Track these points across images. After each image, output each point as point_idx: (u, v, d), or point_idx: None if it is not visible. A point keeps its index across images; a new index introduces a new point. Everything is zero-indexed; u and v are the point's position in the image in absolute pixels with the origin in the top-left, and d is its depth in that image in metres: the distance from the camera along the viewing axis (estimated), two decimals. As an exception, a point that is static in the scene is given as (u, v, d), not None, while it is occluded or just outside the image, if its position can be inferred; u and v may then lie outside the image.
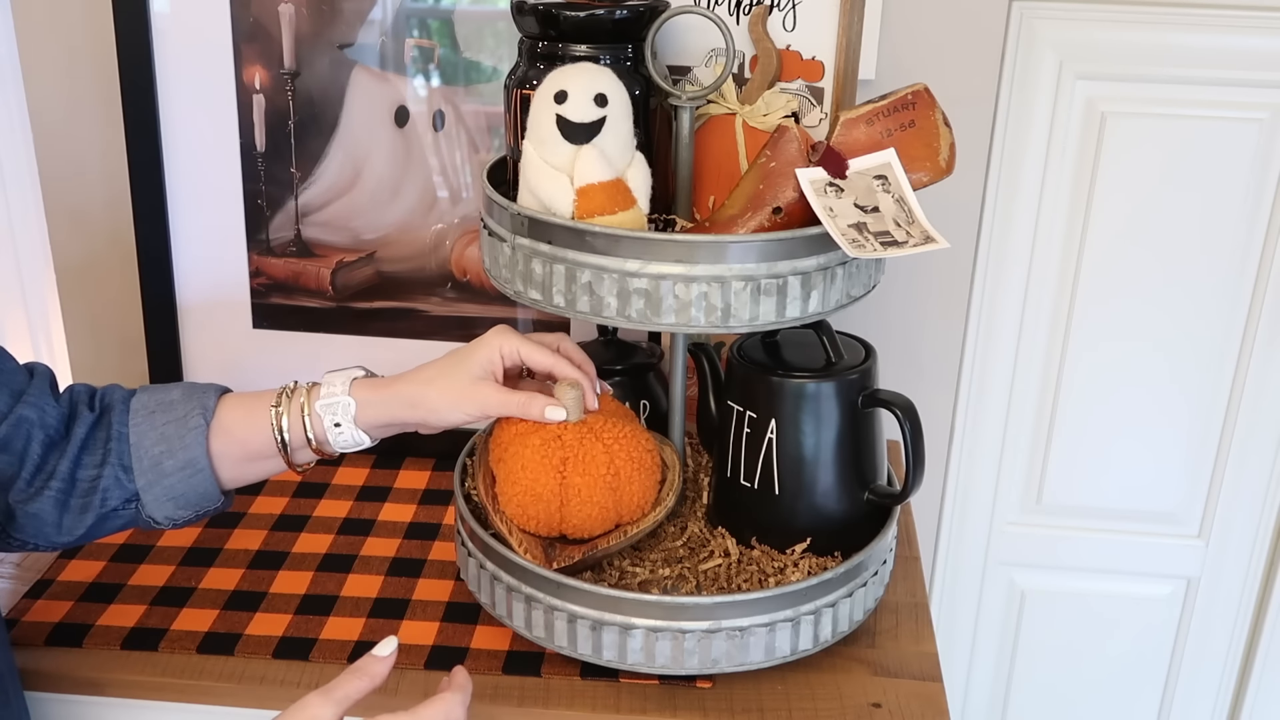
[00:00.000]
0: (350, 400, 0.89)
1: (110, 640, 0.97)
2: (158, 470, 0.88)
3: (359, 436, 0.90)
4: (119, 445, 0.88)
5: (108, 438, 0.89)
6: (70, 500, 0.88)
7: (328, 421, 0.89)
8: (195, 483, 0.89)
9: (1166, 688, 1.50)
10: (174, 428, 0.89)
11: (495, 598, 0.95)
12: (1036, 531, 1.43)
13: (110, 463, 0.88)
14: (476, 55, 1.16)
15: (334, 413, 0.89)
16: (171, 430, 0.88)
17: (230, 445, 0.89)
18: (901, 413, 0.94)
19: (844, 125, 0.88)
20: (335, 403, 0.89)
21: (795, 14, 1.01)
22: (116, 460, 0.88)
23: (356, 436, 0.90)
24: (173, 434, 0.88)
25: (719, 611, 0.89)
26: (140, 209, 1.20)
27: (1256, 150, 1.24)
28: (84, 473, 0.88)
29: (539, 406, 0.90)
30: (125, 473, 0.88)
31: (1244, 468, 1.38)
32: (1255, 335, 1.31)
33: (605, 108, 0.86)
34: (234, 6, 1.15)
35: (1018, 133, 1.26)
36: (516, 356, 0.92)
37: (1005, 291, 1.32)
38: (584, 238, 0.84)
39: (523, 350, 0.91)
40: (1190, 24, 1.20)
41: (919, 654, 0.98)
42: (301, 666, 0.95)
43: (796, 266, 0.85)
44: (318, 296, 1.23)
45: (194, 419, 0.89)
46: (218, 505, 0.91)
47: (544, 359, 0.92)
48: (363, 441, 0.91)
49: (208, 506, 0.91)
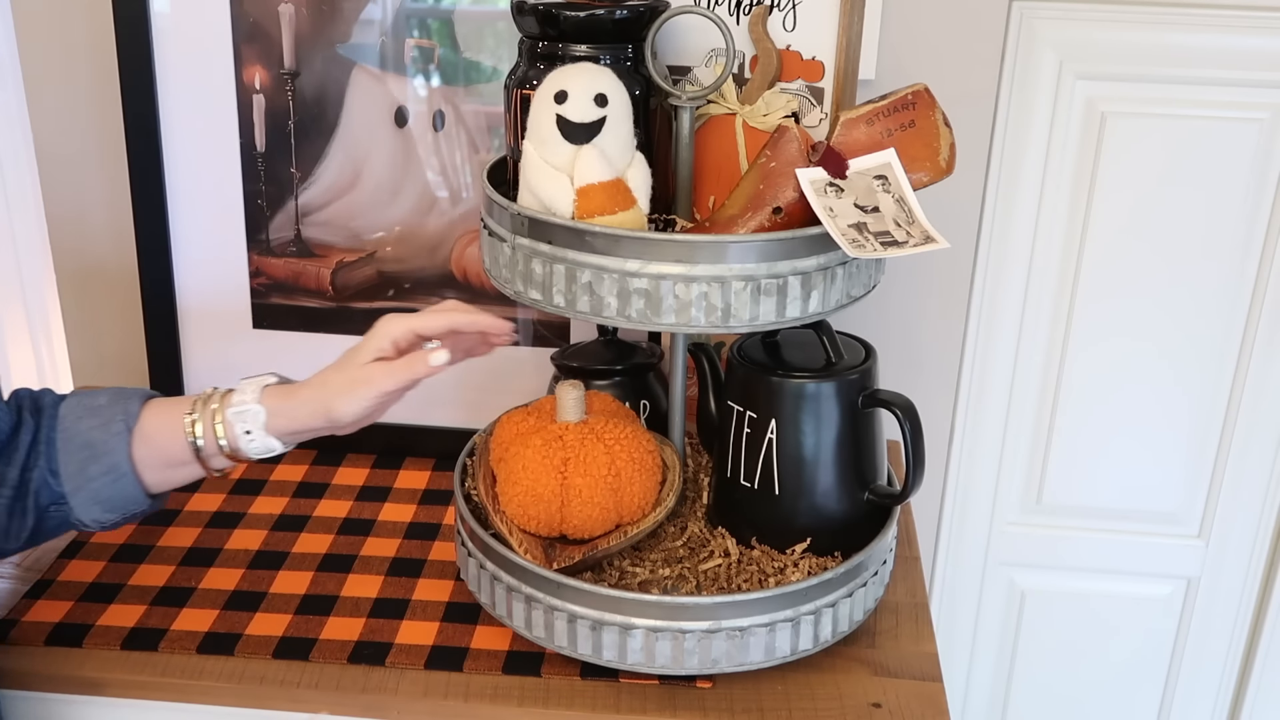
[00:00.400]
0: (260, 409, 0.89)
1: (110, 640, 0.97)
2: (83, 475, 0.88)
3: (270, 443, 0.90)
4: (48, 449, 0.88)
5: (38, 440, 0.89)
6: (17, 504, 0.88)
7: (238, 429, 0.89)
8: (120, 487, 0.89)
9: (1166, 688, 1.50)
10: (98, 433, 0.89)
11: (495, 598, 0.95)
12: (1036, 531, 1.43)
13: (39, 465, 0.88)
14: (476, 55, 1.16)
15: (244, 420, 0.89)
16: (96, 435, 0.89)
17: (150, 451, 0.89)
18: (901, 413, 0.94)
19: (844, 125, 0.88)
20: (245, 410, 0.89)
21: (795, 14, 1.01)
22: (45, 464, 0.88)
23: (268, 443, 0.89)
24: (96, 439, 0.89)
25: (719, 611, 0.89)
26: (140, 209, 1.20)
27: (1256, 150, 1.24)
28: (28, 475, 0.88)
29: (422, 361, 0.88)
30: (54, 476, 0.88)
31: (1244, 468, 1.38)
32: (1255, 335, 1.31)
33: (605, 108, 0.86)
34: (234, 6, 1.15)
35: (1018, 133, 1.26)
36: (411, 335, 0.90)
37: (1005, 291, 1.32)
38: (584, 238, 0.84)
39: (416, 325, 0.90)
40: (1190, 24, 1.20)
41: (919, 654, 0.98)
42: (301, 666, 0.95)
43: (796, 266, 0.85)
44: (318, 296, 1.23)
45: (116, 424, 0.89)
46: (144, 508, 0.91)
47: (439, 320, 0.90)
48: (274, 448, 0.90)
49: (134, 509, 0.91)
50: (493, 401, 1.19)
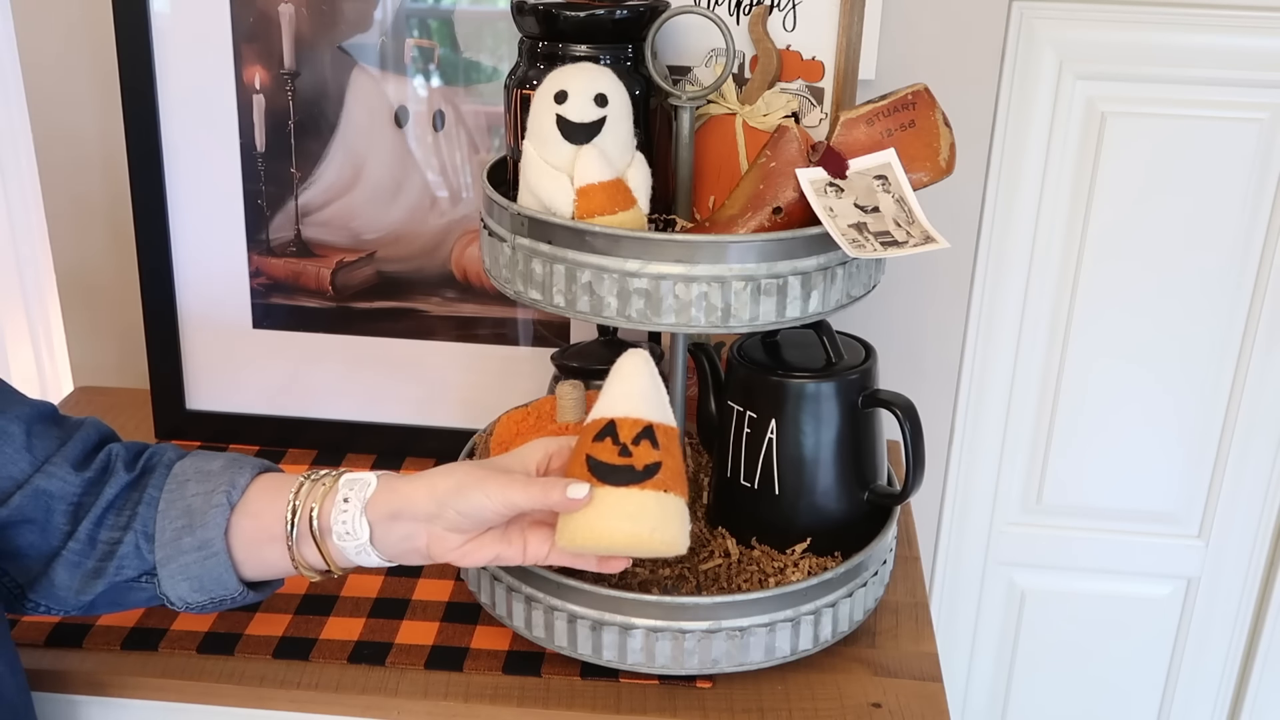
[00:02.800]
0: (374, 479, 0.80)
1: (110, 640, 0.97)
2: (176, 545, 0.80)
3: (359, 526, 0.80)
4: (146, 510, 0.81)
5: (138, 500, 0.82)
6: (85, 562, 0.81)
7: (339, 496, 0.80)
8: (210, 566, 0.80)
9: (1166, 688, 1.50)
10: (200, 500, 0.81)
11: (495, 598, 0.95)
12: (1036, 531, 1.43)
13: (134, 528, 0.81)
14: (476, 55, 1.16)
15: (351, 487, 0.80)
16: (197, 503, 0.81)
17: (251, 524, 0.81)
18: (901, 413, 0.94)
19: (844, 125, 0.88)
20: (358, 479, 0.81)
21: (795, 14, 1.01)
22: (141, 527, 0.81)
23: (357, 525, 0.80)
24: (197, 507, 0.81)
25: (719, 611, 0.89)
26: (140, 209, 1.20)
27: (1256, 150, 1.24)
28: (105, 534, 0.81)
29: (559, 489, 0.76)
30: (148, 542, 0.81)
31: (1244, 468, 1.38)
32: (1255, 335, 1.31)
33: (605, 108, 0.86)
34: (234, 6, 1.15)
35: (1018, 133, 1.26)
36: None
37: (1005, 291, 1.32)
38: (584, 238, 0.84)
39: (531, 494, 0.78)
40: (1190, 24, 1.20)
41: (919, 654, 0.98)
42: (301, 666, 0.95)
43: (796, 266, 0.85)
44: (318, 296, 1.23)
45: (219, 495, 0.81)
46: (234, 595, 0.82)
47: None
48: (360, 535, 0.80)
49: (223, 595, 0.82)
50: (493, 401, 1.19)
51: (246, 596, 0.84)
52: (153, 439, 1.27)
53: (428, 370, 1.24)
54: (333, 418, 1.26)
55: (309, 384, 1.26)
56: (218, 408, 1.27)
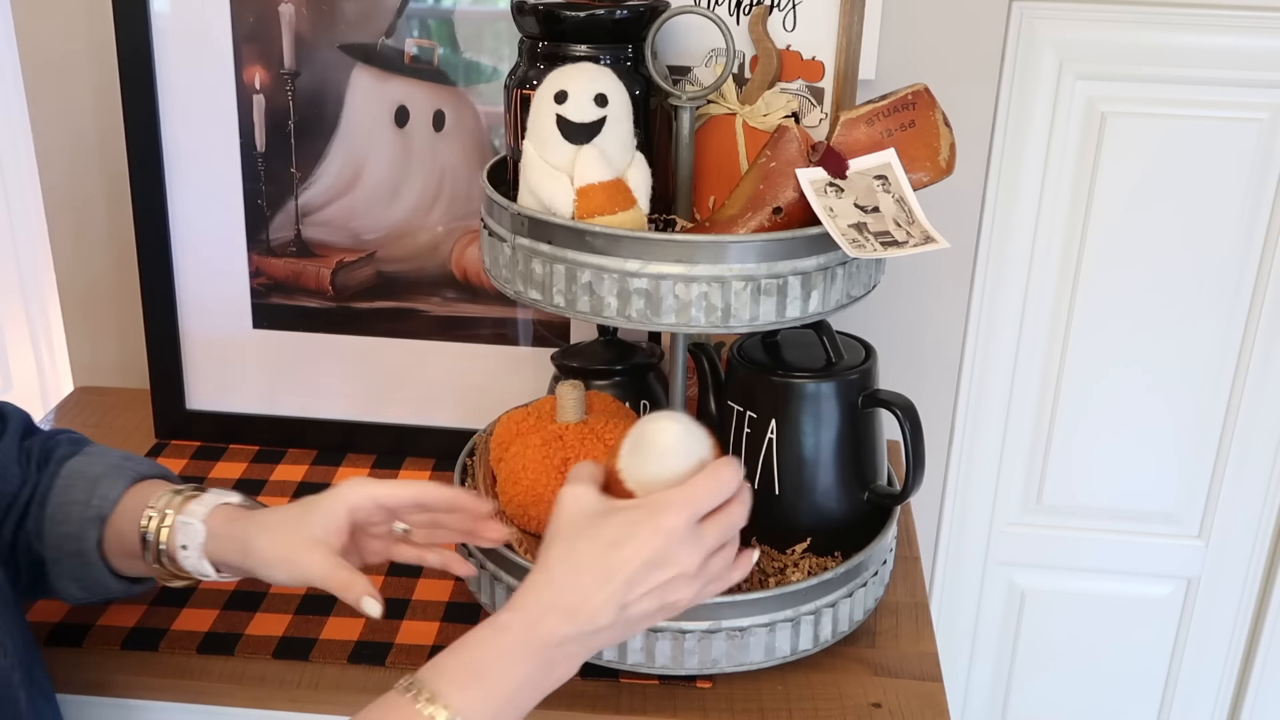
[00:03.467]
0: (202, 528, 0.84)
1: (110, 640, 0.97)
2: (60, 550, 0.85)
3: (204, 567, 0.85)
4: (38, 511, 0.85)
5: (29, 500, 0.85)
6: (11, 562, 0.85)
7: (179, 540, 0.84)
8: (89, 570, 0.85)
9: (1166, 688, 1.50)
10: (78, 510, 0.85)
11: (495, 598, 0.95)
12: (1036, 531, 1.43)
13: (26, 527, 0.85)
14: (476, 55, 1.16)
15: (186, 535, 0.84)
16: (75, 512, 0.85)
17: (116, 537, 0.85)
18: (901, 413, 0.94)
19: (844, 125, 0.88)
20: (190, 525, 0.84)
21: (795, 14, 1.01)
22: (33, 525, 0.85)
23: (201, 566, 0.85)
24: (75, 515, 0.85)
25: (719, 611, 0.89)
26: (140, 209, 1.20)
27: (1256, 150, 1.24)
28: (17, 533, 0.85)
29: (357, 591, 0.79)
30: (38, 540, 0.85)
31: (1244, 468, 1.38)
32: (1255, 334, 1.31)
33: (605, 108, 0.86)
34: (234, 6, 1.15)
35: (1018, 133, 1.26)
36: (372, 505, 0.83)
37: (1005, 291, 1.32)
38: (584, 238, 0.84)
39: (379, 495, 0.83)
40: (1190, 24, 1.20)
41: (919, 654, 0.98)
42: (301, 666, 0.95)
43: (796, 266, 0.85)
44: (318, 296, 1.23)
45: (93, 508, 0.85)
46: (118, 593, 0.87)
47: (404, 492, 0.84)
48: (208, 573, 0.85)
49: (106, 594, 0.87)
50: (493, 401, 1.19)
51: (131, 590, 0.89)
52: (153, 439, 1.27)
53: (428, 370, 1.24)
54: (333, 418, 1.26)
55: (309, 384, 1.26)
56: (218, 408, 1.27)
